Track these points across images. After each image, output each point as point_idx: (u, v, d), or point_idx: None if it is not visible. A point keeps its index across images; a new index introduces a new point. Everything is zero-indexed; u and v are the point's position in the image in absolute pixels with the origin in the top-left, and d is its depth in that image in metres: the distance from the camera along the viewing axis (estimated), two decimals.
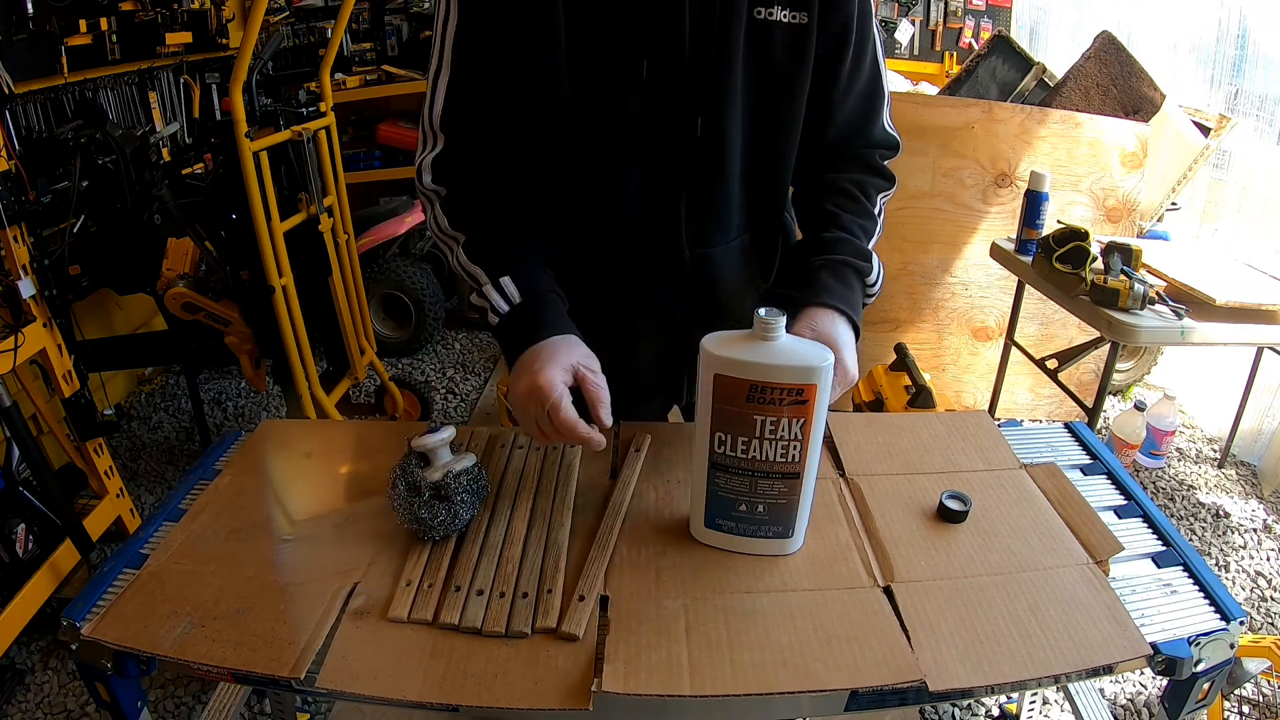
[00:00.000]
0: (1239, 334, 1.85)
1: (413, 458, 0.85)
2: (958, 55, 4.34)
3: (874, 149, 0.99)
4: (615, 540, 0.82)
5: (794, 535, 0.80)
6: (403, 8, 4.06)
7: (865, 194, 0.96)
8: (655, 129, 0.88)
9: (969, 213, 2.59)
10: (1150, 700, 1.70)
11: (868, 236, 0.94)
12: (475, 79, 0.87)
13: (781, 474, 0.75)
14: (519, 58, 0.85)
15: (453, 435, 0.86)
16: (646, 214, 0.93)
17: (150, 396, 3.15)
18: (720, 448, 0.76)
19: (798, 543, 0.81)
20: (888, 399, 2.26)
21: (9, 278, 1.78)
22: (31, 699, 1.76)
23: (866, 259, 0.92)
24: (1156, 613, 0.75)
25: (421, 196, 0.93)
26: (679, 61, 0.85)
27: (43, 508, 1.86)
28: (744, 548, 0.80)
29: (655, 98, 0.86)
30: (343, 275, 2.50)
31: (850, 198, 0.95)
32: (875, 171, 0.99)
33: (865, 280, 0.92)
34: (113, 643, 0.73)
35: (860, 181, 0.97)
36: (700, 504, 0.80)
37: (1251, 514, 2.32)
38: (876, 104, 0.98)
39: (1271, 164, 2.59)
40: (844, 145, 0.98)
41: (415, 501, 0.81)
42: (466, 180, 0.90)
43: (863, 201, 0.96)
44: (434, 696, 0.66)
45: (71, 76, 2.92)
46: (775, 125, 0.92)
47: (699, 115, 0.88)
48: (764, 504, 0.77)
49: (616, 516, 0.85)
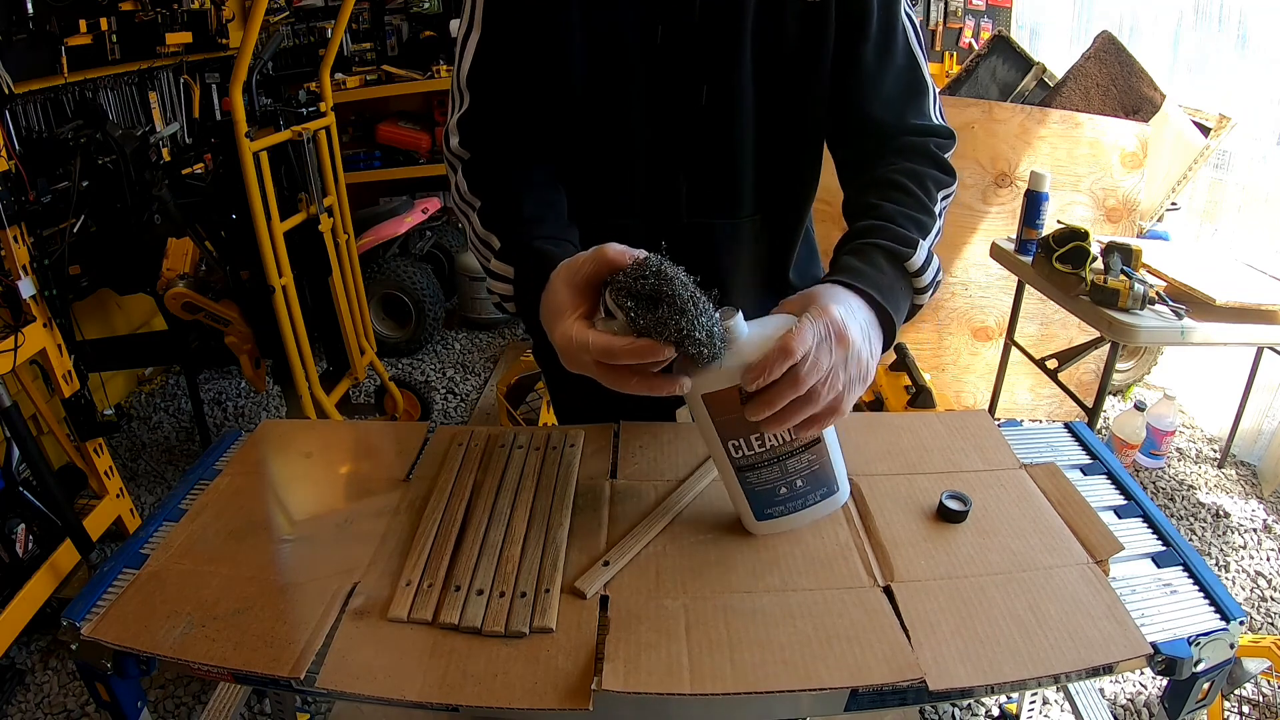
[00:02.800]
0: (1239, 334, 1.85)
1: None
2: (958, 55, 4.33)
3: (928, 136, 0.88)
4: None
5: (840, 488, 0.79)
6: (403, 8, 4.06)
7: (921, 186, 0.84)
8: (662, 94, 0.88)
9: (969, 213, 2.59)
10: (1150, 700, 1.70)
11: (918, 228, 0.79)
12: (504, 37, 0.87)
13: (803, 446, 0.75)
14: (544, 16, 0.84)
15: None
16: (651, 178, 0.92)
17: (150, 396, 3.15)
18: (738, 453, 0.75)
19: (845, 492, 0.80)
20: (888, 399, 2.26)
21: (9, 278, 1.79)
22: (31, 699, 1.76)
23: (908, 244, 0.77)
24: (1156, 613, 0.75)
25: (446, 163, 0.92)
26: (690, 26, 0.84)
27: (43, 508, 1.86)
28: (801, 521, 0.80)
29: (665, 62, 0.86)
30: (343, 275, 2.50)
31: (899, 189, 0.83)
32: (933, 161, 0.86)
33: (905, 266, 0.77)
34: (113, 643, 0.73)
35: (915, 172, 0.84)
36: (744, 504, 0.80)
37: (1251, 514, 2.32)
38: (920, 89, 0.89)
39: (1271, 164, 2.59)
40: (890, 125, 0.89)
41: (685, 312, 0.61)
42: (491, 144, 0.89)
43: (916, 194, 0.83)
44: (434, 696, 0.66)
45: (71, 76, 2.93)
46: (787, 104, 0.90)
47: (704, 83, 0.87)
48: (800, 478, 0.77)
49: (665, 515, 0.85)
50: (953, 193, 0.88)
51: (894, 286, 0.76)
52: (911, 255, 0.77)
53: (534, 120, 0.91)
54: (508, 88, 0.89)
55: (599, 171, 0.94)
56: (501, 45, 0.87)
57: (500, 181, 0.88)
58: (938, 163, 0.87)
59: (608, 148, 0.92)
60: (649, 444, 0.97)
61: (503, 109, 0.90)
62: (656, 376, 0.65)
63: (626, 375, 0.65)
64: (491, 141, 0.90)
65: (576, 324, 0.66)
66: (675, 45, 0.86)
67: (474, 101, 0.89)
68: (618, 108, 0.89)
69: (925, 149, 0.87)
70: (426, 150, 3.82)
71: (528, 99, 0.90)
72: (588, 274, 0.66)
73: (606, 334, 0.64)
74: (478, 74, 0.89)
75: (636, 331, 0.62)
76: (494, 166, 0.90)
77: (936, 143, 0.88)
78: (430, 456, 0.97)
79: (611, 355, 0.63)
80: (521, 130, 0.90)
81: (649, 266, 0.62)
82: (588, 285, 0.67)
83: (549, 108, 0.90)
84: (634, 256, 0.64)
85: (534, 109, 0.90)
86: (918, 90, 0.90)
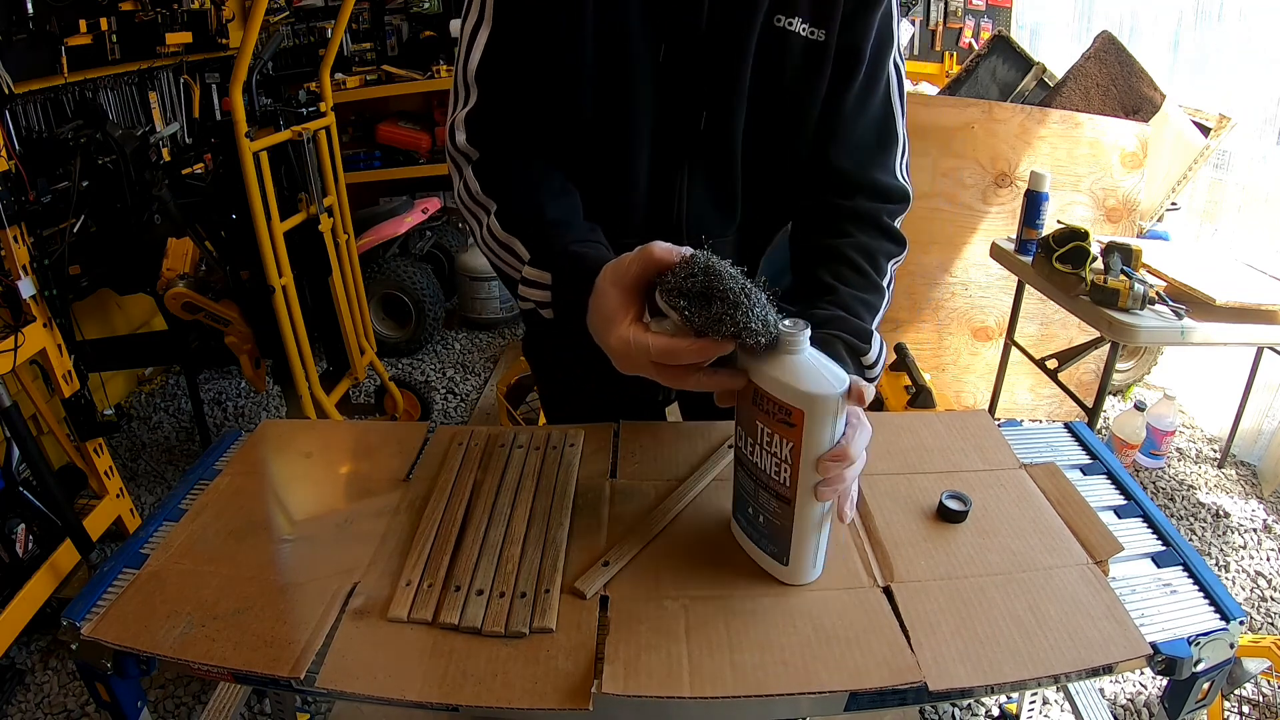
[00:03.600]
0: (1239, 334, 1.85)
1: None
2: (958, 55, 4.34)
3: (883, 203, 0.90)
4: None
5: (790, 564, 0.74)
6: (403, 8, 4.06)
7: (873, 263, 0.86)
8: (664, 114, 0.88)
9: (969, 213, 2.59)
10: (1150, 700, 1.70)
11: (871, 312, 0.83)
12: (517, 33, 0.85)
13: (775, 492, 0.71)
14: (555, 19, 0.83)
15: None
16: (652, 195, 0.93)
17: (150, 396, 3.15)
18: (740, 441, 0.74)
19: (799, 575, 0.75)
20: (888, 399, 2.26)
21: (9, 278, 1.79)
22: (31, 699, 1.76)
23: (864, 338, 0.80)
24: (1156, 613, 0.75)
25: (450, 162, 0.89)
26: (694, 51, 0.85)
27: (43, 508, 1.86)
28: (751, 553, 0.79)
29: (667, 83, 0.86)
30: (343, 275, 2.50)
31: (854, 269, 0.85)
32: (884, 234, 0.89)
33: (861, 359, 0.80)
34: (113, 643, 0.73)
35: (867, 248, 0.87)
36: (730, 491, 0.79)
37: (1251, 514, 2.32)
38: (889, 141, 0.91)
39: (1271, 164, 2.60)
40: (851, 176, 0.90)
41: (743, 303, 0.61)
42: (502, 140, 0.87)
43: (869, 274, 0.85)
44: (434, 696, 0.66)
45: (71, 76, 2.93)
46: (777, 137, 0.91)
47: (704, 109, 0.88)
48: (763, 515, 0.74)
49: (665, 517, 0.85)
50: (901, 260, 0.90)
51: None
52: (868, 351, 0.80)
53: (544, 120, 0.88)
54: (519, 84, 0.86)
55: (602, 190, 0.93)
56: (514, 40, 0.85)
57: (518, 181, 0.85)
58: (888, 234, 0.89)
59: (611, 166, 0.92)
60: (649, 444, 0.97)
61: (514, 105, 0.87)
62: (718, 372, 0.66)
63: (685, 374, 0.65)
64: (503, 138, 0.87)
65: (633, 328, 0.65)
66: (678, 66, 0.86)
67: (483, 96, 0.86)
68: (621, 127, 0.89)
69: (876, 220, 0.89)
70: (426, 150, 3.82)
71: (539, 98, 0.87)
72: (635, 274, 0.66)
73: (663, 336, 0.64)
74: (488, 68, 0.86)
75: (694, 330, 0.62)
76: (508, 165, 0.86)
77: (889, 210, 0.90)
78: (430, 456, 0.97)
79: (674, 357, 0.63)
80: (533, 128, 0.88)
81: (696, 264, 0.62)
82: (637, 286, 0.66)
83: (557, 115, 0.88)
84: (680, 254, 0.63)
85: (544, 110, 0.88)
86: (887, 143, 0.91)
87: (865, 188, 0.90)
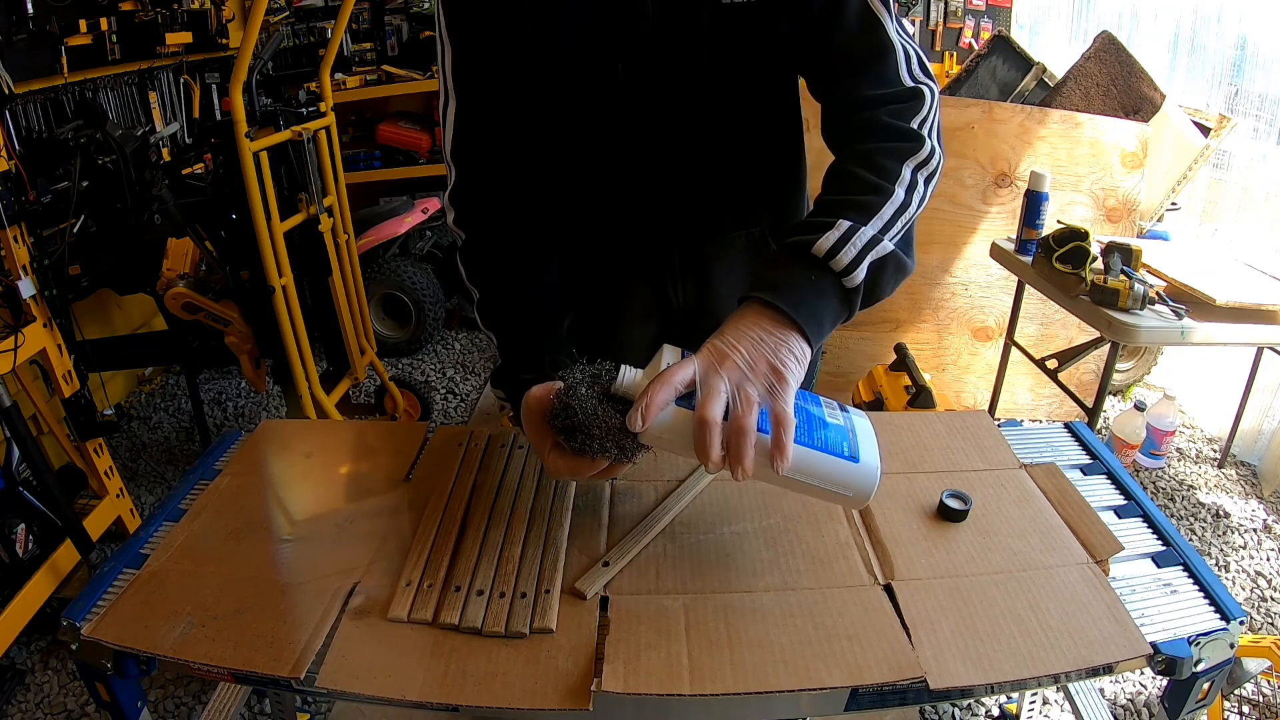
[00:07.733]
0: (1239, 334, 1.85)
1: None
2: (958, 55, 4.34)
3: (880, 107, 0.80)
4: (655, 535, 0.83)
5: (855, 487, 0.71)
6: (403, 8, 4.06)
7: (869, 165, 0.77)
8: (634, 127, 0.88)
9: (969, 213, 2.59)
10: (1150, 700, 1.70)
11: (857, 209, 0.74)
12: (478, 105, 0.88)
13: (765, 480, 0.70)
14: (509, 77, 0.86)
15: None
16: (636, 210, 0.93)
17: (150, 396, 3.15)
18: None
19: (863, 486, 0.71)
20: (888, 399, 2.26)
21: (9, 278, 1.79)
22: (31, 699, 1.76)
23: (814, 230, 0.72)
24: (1156, 612, 0.75)
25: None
26: (648, 57, 0.84)
27: (43, 508, 1.86)
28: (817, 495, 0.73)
29: (631, 98, 0.87)
30: (343, 275, 2.50)
31: (840, 178, 0.78)
32: (888, 134, 0.79)
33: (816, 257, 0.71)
34: (113, 643, 0.73)
35: (863, 154, 0.78)
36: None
37: (1251, 514, 2.32)
38: (881, 52, 0.82)
39: (1271, 164, 2.60)
40: (851, 101, 0.83)
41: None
42: (479, 223, 0.90)
43: (861, 176, 0.76)
44: (434, 696, 0.66)
45: (71, 76, 2.93)
46: (751, 114, 0.90)
47: (669, 111, 0.87)
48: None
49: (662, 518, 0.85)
50: (922, 156, 0.79)
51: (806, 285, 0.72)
52: (815, 240, 0.72)
53: (520, 190, 0.90)
54: (490, 158, 0.89)
55: (588, 210, 0.95)
56: (477, 114, 0.88)
57: (495, 277, 0.89)
58: (892, 133, 0.79)
59: (593, 190, 0.93)
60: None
61: (489, 183, 0.90)
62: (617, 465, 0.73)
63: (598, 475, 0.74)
64: (482, 223, 0.90)
65: (549, 456, 0.73)
66: (638, 78, 0.85)
67: (460, 175, 0.90)
68: (596, 155, 0.90)
69: (874, 124, 0.80)
70: (426, 150, 3.82)
71: (511, 167, 0.90)
72: (538, 414, 0.74)
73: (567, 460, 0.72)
74: (460, 145, 0.89)
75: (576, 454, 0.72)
76: (487, 257, 0.90)
77: (890, 110, 0.80)
78: (430, 457, 0.97)
79: (578, 475, 0.73)
80: (509, 206, 0.90)
81: (558, 402, 0.71)
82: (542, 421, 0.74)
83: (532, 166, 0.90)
84: (554, 391, 0.72)
85: (518, 177, 0.90)
86: (876, 55, 0.82)
87: (862, 102, 0.82)
